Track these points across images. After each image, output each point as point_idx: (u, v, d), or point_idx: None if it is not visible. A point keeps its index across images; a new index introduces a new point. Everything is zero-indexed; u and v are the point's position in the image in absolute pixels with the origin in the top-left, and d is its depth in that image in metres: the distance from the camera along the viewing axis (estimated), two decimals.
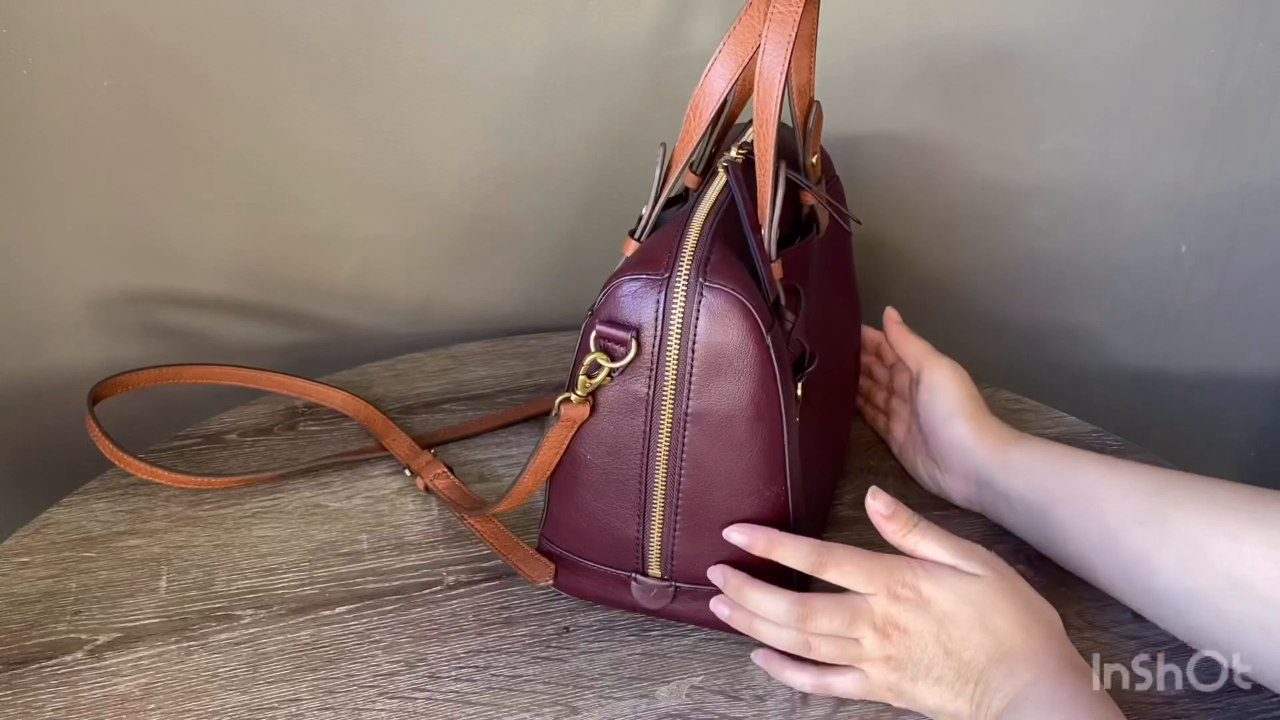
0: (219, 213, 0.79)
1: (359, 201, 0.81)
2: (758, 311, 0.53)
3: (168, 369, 0.74)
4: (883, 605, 0.54)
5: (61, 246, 0.77)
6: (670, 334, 0.53)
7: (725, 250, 0.54)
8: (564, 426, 0.56)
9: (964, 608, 0.53)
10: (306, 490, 0.71)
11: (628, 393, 0.55)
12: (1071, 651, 0.54)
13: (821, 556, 0.55)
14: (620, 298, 0.54)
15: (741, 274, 0.53)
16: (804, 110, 0.60)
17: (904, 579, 0.54)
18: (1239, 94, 0.83)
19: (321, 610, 0.63)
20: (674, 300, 0.53)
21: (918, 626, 0.54)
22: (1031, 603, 0.55)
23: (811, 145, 0.61)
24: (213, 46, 0.72)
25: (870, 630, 0.54)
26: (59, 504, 0.69)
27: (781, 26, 0.51)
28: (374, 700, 0.58)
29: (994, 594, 0.54)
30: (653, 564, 0.59)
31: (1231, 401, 0.98)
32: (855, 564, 0.55)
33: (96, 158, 0.75)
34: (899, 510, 0.56)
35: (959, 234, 0.89)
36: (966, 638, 0.53)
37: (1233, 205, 0.88)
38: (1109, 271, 0.92)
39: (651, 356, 0.54)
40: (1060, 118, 0.84)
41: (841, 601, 0.55)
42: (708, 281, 0.53)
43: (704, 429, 0.55)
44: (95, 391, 0.70)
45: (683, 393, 0.54)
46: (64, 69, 0.70)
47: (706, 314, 0.53)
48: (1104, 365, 0.96)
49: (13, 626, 0.61)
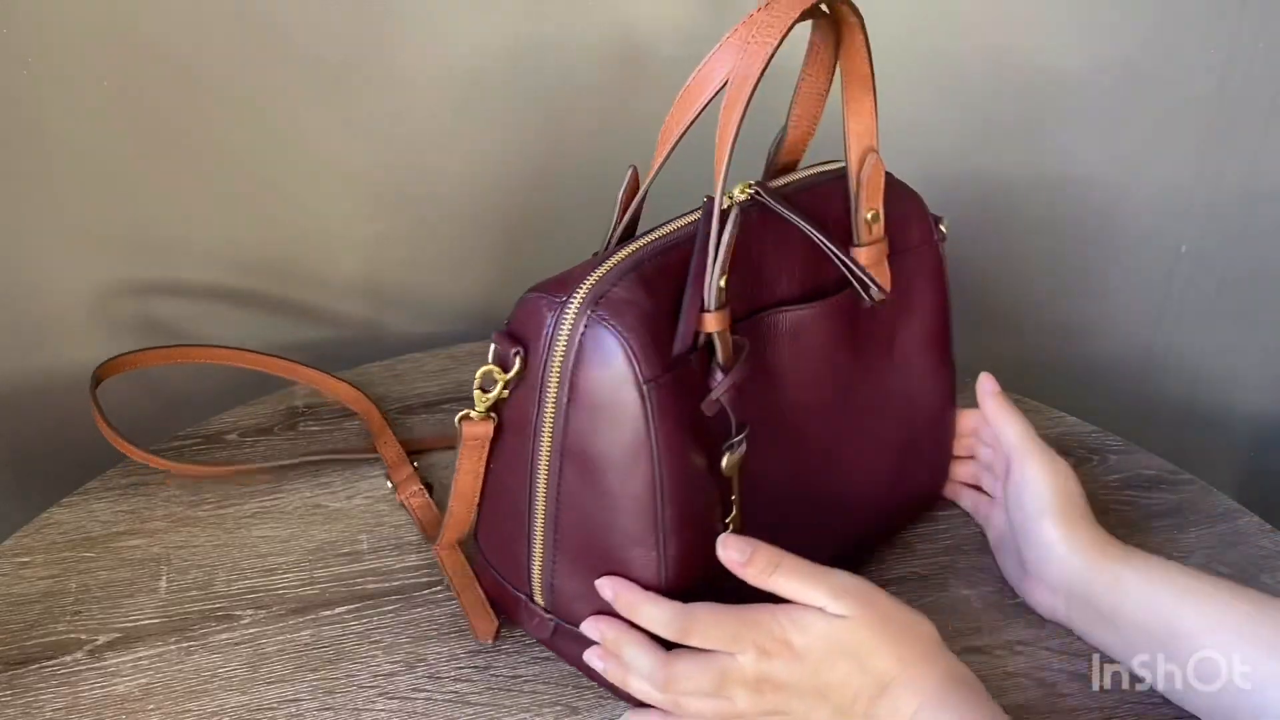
0: (218, 212, 0.79)
1: (358, 201, 0.81)
2: (640, 356, 0.49)
3: (175, 349, 0.74)
4: (753, 663, 0.52)
5: (61, 246, 0.77)
6: (553, 360, 0.51)
7: (637, 287, 0.51)
8: (470, 448, 0.54)
9: (838, 654, 0.51)
10: (306, 490, 0.71)
11: (521, 413, 0.53)
12: (951, 663, 0.52)
13: (684, 622, 0.52)
14: (521, 311, 0.52)
15: (640, 315, 0.50)
16: (858, 159, 0.56)
17: (772, 633, 0.52)
18: (1239, 94, 0.83)
19: (321, 610, 0.63)
20: (562, 326, 0.50)
21: (793, 679, 0.52)
22: (904, 628, 0.53)
23: (865, 199, 0.57)
24: (213, 46, 0.72)
25: (742, 689, 0.52)
26: (59, 504, 0.69)
27: (753, 60, 0.48)
28: (374, 700, 0.58)
29: (865, 632, 0.51)
30: (536, 592, 0.57)
31: (1231, 401, 0.98)
32: (719, 627, 0.52)
33: (96, 157, 0.75)
34: (756, 553, 0.52)
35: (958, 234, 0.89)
36: (845, 683, 0.51)
37: (1233, 205, 0.88)
38: (1109, 271, 0.92)
39: (537, 378, 0.52)
40: (1060, 118, 0.84)
41: (709, 662, 0.52)
42: (596, 314, 0.50)
43: (577, 468, 0.52)
44: (99, 372, 0.70)
45: (559, 424, 0.52)
46: (64, 69, 0.71)
47: (586, 348, 0.50)
48: (1104, 365, 0.96)
49: (13, 626, 0.61)
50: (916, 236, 0.62)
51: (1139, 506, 0.70)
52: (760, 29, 0.49)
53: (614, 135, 0.79)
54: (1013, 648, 0.61)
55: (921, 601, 0.63)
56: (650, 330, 0.50)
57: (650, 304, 0.50)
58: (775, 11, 0.49)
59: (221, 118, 0.75)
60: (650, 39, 0.76)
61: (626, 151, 0.65)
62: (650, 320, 0.50)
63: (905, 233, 0.61)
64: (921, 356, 0.64)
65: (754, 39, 0.48)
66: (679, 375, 0.51)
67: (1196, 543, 0.67)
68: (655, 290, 0.51)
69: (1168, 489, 0.72)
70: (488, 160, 0.80)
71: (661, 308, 0.51)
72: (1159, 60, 0.82)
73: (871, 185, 0.57)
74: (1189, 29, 0.80)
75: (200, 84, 0.73)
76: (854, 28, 0.54)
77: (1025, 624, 0.62)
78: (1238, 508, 0.70)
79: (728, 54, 0.50)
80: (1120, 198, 0.88)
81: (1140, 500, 0.70)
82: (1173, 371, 0.96)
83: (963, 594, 0.64)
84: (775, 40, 0.48)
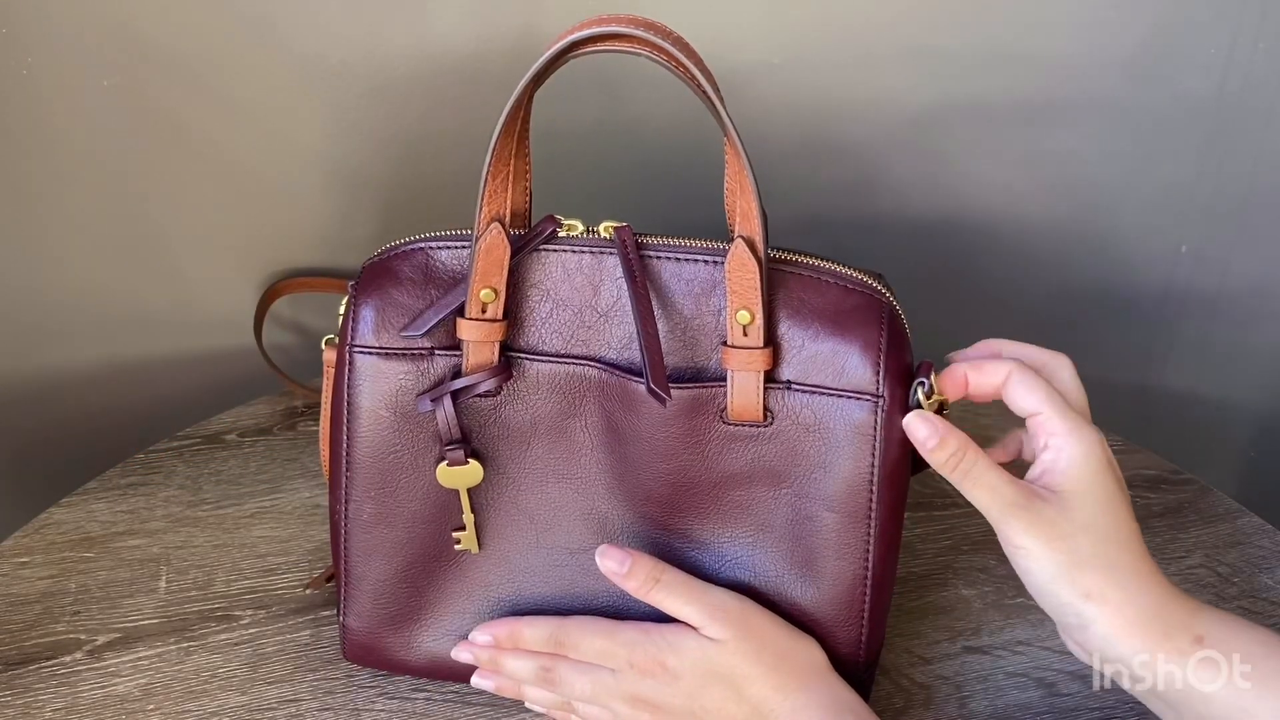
0: (217, 212, 0.79)
1: (358, 201, 0.81)
2: (360, 323, 0.53)
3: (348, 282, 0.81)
4: (629, 682, 0.51)
5: (61, 246, 0.77)
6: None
7: (416, 269, 0.53)
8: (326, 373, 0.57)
9: (713, 680, 0.50)
10: (306, 490, 0.71)
11: None
12: (836, 691, 0.51)
13: (559, 635, 0.53)
14: None
15: (387, 290, 0.53)
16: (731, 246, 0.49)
17: (646, 652, 0.51)
18: (1239, 94, 0.83)
19: (321, 610, 0.63)
20: (360, 281, 0.54)
21: (668, 701, 0.51)
22: (784, 655, 0.51)
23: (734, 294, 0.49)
24: (213, 46, 0.72)
25: (622, 704, 0.52)
26: (58, 504, 0.69)
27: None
28: (374, 700, 0.57)
29: (741, 659, 0.50)
30: None
31: (1231, 401, 0.98)
32: (591, 643, 0.52)
33: (96, 157, 0.75)
34: (636, 565, 0.51)
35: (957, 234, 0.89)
36: (721, 708, 0.50)
37: (1233, 205, 0.88)
38: (1109, 271, 0.92)
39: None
40: (1060, 118, 0.84)
41: (587, 672, 0.53)
42: (363, 275, 0.54)
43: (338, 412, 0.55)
44: (275, 289, 0.77)
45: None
46: (64, 69, 0.70)
47: (348, 302, 0.54)
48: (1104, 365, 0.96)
49: (12, 627, 0.61)
50: (852, 379, 0.50)
51: (1139, 506, 0.69)
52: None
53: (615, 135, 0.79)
54: (1013, 648, 0.61)
55: (922, 601, 0.63)
56: (387, 304, 0.53)
57: (411, 284, 0.53)
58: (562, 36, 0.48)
59: (222, 119, 0.75)
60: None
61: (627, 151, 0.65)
62: (395, 297, 0.53)
63: (831, 366, 0.50)
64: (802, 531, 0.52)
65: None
66: (404, 359, 0.53)
67: (1196, 543, 0.67)
68: (430, 276, 0.53)
69: (1168, 489, 0.72)
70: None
71: (425, 294, 0.53)
72: (1159, 60, 0.81)
73: (739, 281, 0.49)
74: (1189, 29, 0.80)
75: (200, 85, 0.73)
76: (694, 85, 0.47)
77: (1025, 624, 0.62)
78: (1238, 508, 0.70)
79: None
80: (1120, 198, 0.88)
81: (1140, 500, 0.70)
82: (1173, 371, 0.96)
83: (963, 594, 0.64)
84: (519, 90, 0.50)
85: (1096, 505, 0.47)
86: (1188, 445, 0.98)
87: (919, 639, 0.61)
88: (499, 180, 0.51)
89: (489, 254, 0.51)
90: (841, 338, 0.50)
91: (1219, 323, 0.94)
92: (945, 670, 0.59)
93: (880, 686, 0.58)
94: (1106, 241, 0.90)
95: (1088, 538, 0.47)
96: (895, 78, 0.81)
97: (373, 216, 0.82)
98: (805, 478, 0.51)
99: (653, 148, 0.77)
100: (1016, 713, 0.57)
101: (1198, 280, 0.92)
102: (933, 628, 0.62)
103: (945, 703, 0.58)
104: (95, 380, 0.80)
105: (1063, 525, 0.47)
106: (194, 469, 0.72)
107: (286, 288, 0.79)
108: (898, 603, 0.63)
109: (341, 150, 0.78)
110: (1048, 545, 0.47)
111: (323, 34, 0.73)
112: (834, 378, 0.50)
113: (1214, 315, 0.93)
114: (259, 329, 0.78)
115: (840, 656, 0.53)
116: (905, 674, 0.59)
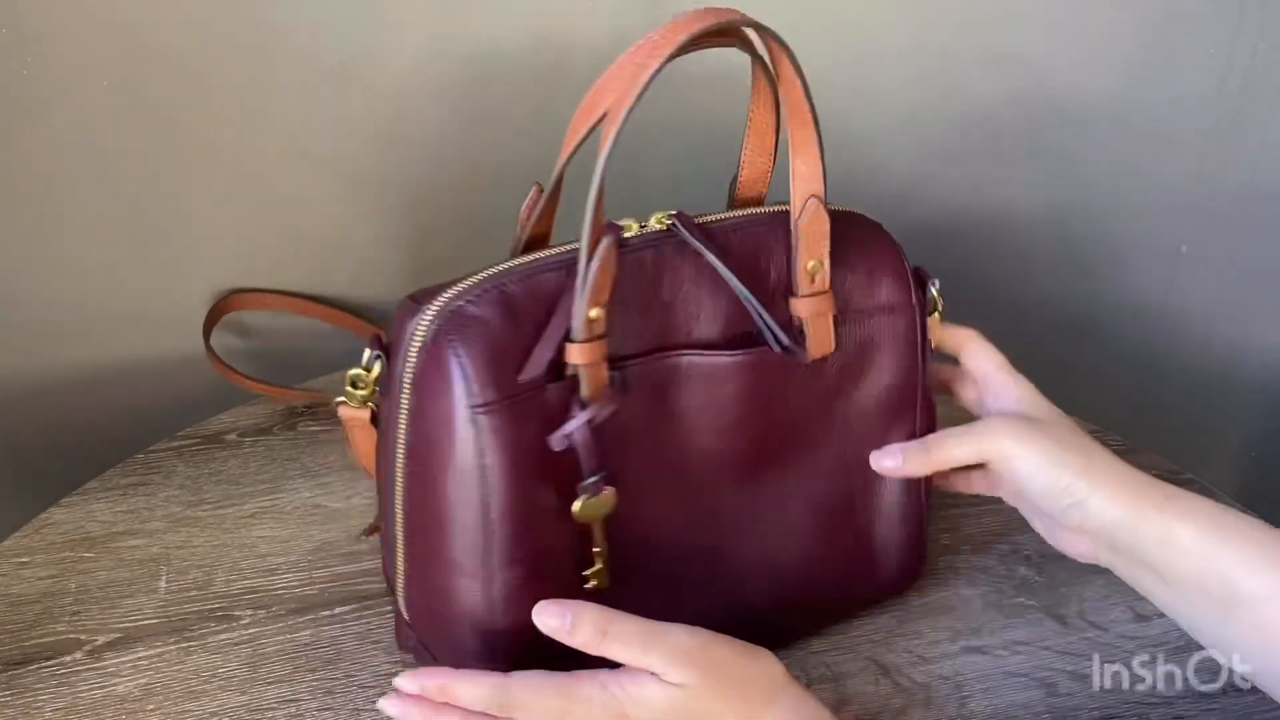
0: (217, 213, 0.79)
1: (357, 202, 0.81)
2: (475, 379, 0.47)
3: (299, 300, 0.80)
4: None
5: (60, 246, 0.77)
6: (406, 369, 0.49)
7: (495, 305, 0.48)
8: (352, 426, 0.53)
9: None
10: (306, 490, 0.71)
11: (387, 415, 0.51)
12: (797, 696, 0.49)
13: (503, 698, 0.48)
14: (396, 312, 0.51)
15: (487, 334, 0.48)
16: (800, 204, 0.52)
17: (606, 708, 0.47)
18: (1239, 94, 0.83)
19: (321, 610, 0.63)
20: (414, 336, 0.49)
21: None
22: (748, 680, 0.49)
23: (804, 248, 0.53)
24: (213, 46, 0.72)
25: None
26: (58, 504, 0.69)
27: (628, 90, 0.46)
28: (374, 700, 0.57)
29: (710, 700, 0.48)
30: (402, 607, 0.55)
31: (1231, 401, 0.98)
32: (542, 703, 0.48)
33: (96, 158, 0.75)
34: (579, 619, 0.48)
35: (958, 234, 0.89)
36: None
37: (1233, 205, 0.88)
38: (1109, 272, 0.92)
39: (397, 384, 0.50)
40: (1060, 118, 0.84)
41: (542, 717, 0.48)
42: (443, 329, 0.48)
43: (420, 481, 0.50)
44: (226, 301, 0.75)
45: (408, 432, 0.50)
46: (64, 69, 0.70)
47: (427, 362, 0.48)
48: (1104, 364, 0.96)
49: (12, 627, 0.61)
50: (885, 296, 0.57)
51: None
52: (647, 54, 0.46)
53: None
54: (1013, 648, 0.61)
55: (922, 601, 0.63)
56: (494, 351, 0.48)
57: (502, 324, 0.48)
58: (662, 37, 0.46)
59: (222, 119, 0.75)
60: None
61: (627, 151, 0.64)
62: (498, 341, 0.48)
63: (869, 290, 0.56)
64: (874, 428, 0.58)
65: (639, 64, 0.46)
66: (526, 404, 0.48)
67: None
68: (515, 311, 0.49)
69: None
70: (487, 162, 0.80)
71: (519, 330, 0.48)
72: (1159, 60, 0.82)
73: (811, 234, 0.53)
74: (1189, 29, 0.80)
75: (200, 85, 0.73)
76: (780, 58, 0.49)
77: (1025, 624, 0.62)
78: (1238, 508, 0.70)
79: (615, 78, 0.47)
80: (1120, 198, 0.88)
81: None
82: (1173, 371, 0.96)
83: (963, 594, 0.64)
84: (657, 63, 0.45)
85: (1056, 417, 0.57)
86: (1188, 445, 0.98)
87: (919, 639, 0.61)
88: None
89: (605, 271, 0.48)
90: (873, 264, 0.56)
91: (1219, 323, 0.94)
92: (945, 670, 0.59)
93: (880, 686, 0.58)
94: (1106, 241, 0.90)
95: (1061, 432, 0.55)
96: (894, 76, 0.81)
97: (373, 217, 0.82)
98: (868, 394, 0.57)
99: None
100: (1016, 713, 0.57)
101: (1198, 280, 0.92)
102: (933, 628, 0.62)
103: (945, 703, 0.58)
104: (95, 380, 0.80)
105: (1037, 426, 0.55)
106: (194, 469, 0.72)
107: (237, 303, 0.77)
108: (898, 602, 0.63)
109: (342, 150, 0.78)
110: (1032, 443, 0.54)
111: (323, 34, 0.73)
112: (875, 297, 0.56)
113: (1214, 315, 0.94)
114: (207, 340, 0.76)
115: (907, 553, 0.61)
116: (905, 674, 0.59)
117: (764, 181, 0.57)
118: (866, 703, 0.57)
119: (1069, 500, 0.53)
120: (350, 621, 0.62)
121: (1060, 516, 0.54)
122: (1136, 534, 0.52)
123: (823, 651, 0.60)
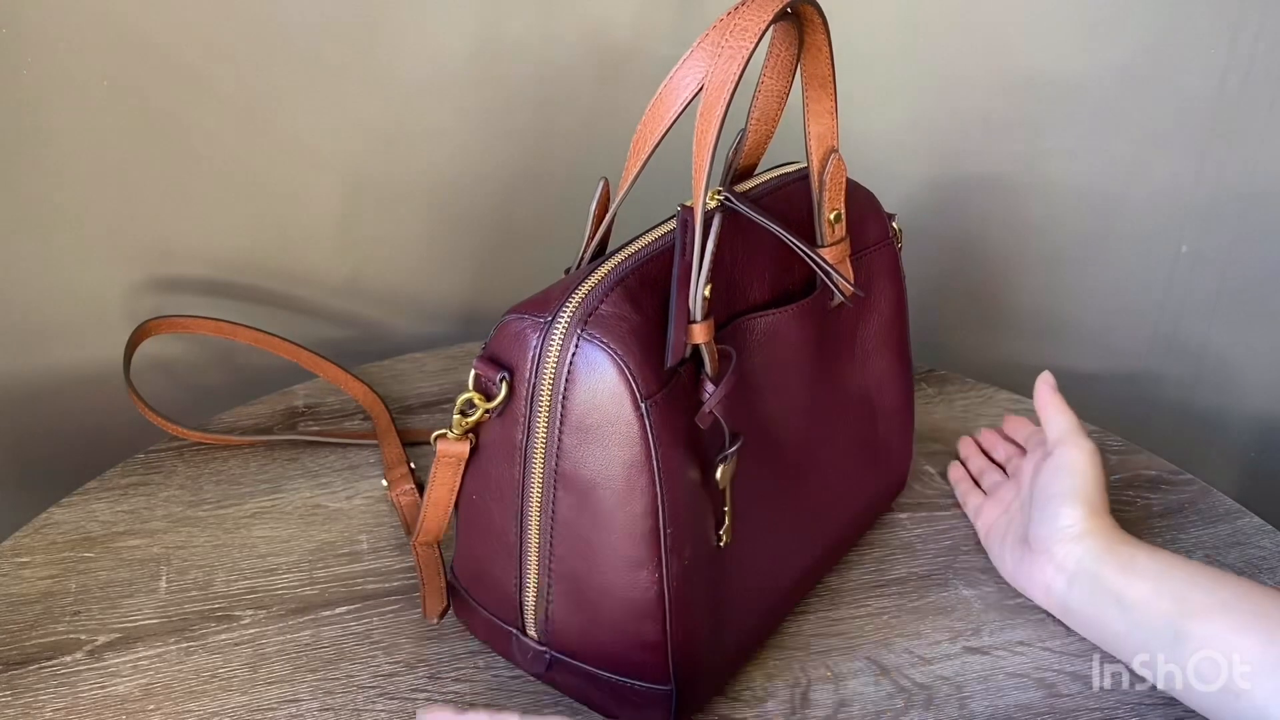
0: (217, 212, 0.79)
1: (357, 202, 0.81)
2: (637, 374, 0.48)
3: (225, 324, 0.76)
4: None
5: (61, 245, 0.77)
6: (543, 384, 0.49)
7: (624, 302, 0.49)
8: (444, 464, 0.53)
9: None
10: (306, 490, 0.71)
11: (506, 438, 0.51)
12: None
13: None
14: (502, 336, 0.50)
15: (631, 330, 0.48)
16: (820, 160, 0.56)
17: None
18: (1239, 94, 0.83)
19: (321, 610, 0.63)
20: (549, 348, 0.48)
21: None
22: None
23: (828, 200, 0.57)
24: (212, 46, 0.72)
25: None
26: (58, 504, 0.69)
27: (729, 63, 0.46)
28: (374, 701, 0.57)
29: None
30: (529, 625, 0.55)
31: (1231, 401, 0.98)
32: None
33: (96, 157, 0.75)
34: None
35: (958, 234, 0.89)
36: None
37: (1233, 205, 0.88)
38: (1109, 271, 0.92)
39: (524, 404, 0.49)
40: (1060, 118, 0.84)
41: None
42: (586, 333, 0.48)
43: (572, 493, 0.50)
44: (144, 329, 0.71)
45: (552, 449, 0.50)
46: (64, 69, 0.70)
47: (579, 368, 0.48)
48: (1104, 365, 0.96)
49: (12, 627, 0.61)
50: (874, 235, 0.63)
51: (1139, 506, 0.70)
52: (733, 33, 0.47)
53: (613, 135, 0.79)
54: (1013, 648, 0.61)
55: (922, 601, 0.63)
56: (643, 346, 0.48)
57: (639, 319, 0.49)
58: (747, 14, 0.47)
59: (222, 119, 0.75)
60: (650, 38, 0.76)
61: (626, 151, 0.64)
62: (642, 336, 0.49)
63: (863, 232, 0.62)
64: (880, 354, 0.65)
65: (727, 43, 0.47)
66: (672, 390, 0.49)
67: (1196, 543, 0.67)
68: (642, 304, 0.50)
69: (1168, 489, 0.72)
70: (487, 161, 0.80)
71: (650, 322, 0.49)
72: (1159, 60, 0.82)
73: (835, 186, 0.57)
74: (1188, 29, 0.80)
75: (200, 85, 0.73)
76: (818, 28, 0.52)
77: (1025, 624, 0.62)
78: (1238, 508, 0.70)
79: (700, 60, 0.47)
80: (1120, 198, 0.88)
81: (1140, 500, 0.70)
82: (1173, 371, 0.96)
83: (963, 594, 0.64)
84: (750, 43, 0.46)
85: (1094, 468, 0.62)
86: (1188, 445, 0.98)
87: (919, 639, 0.61)
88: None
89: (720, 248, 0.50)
90: (861, 208, 0.62)
91: (1219, 323, 0.94)
92: (945, 670, 0.59)
93: (880, 686, 0.58)
94: (1106, 241, 0.90)
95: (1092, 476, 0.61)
96: (894, 77, 0.81)
97: (373, 217, 0.82)
98: (874, 323, 0.63)
99: None
100: (1016, 713, 0.57)
101: (1198, 280, 0.92)
102: (933, 628, 0.62)
103: (945, 703, 0.58)
104: (95, 380, 0.80)
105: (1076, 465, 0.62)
106: (194, 469, 0.72)
107: (156, 328, 0.75)
108: (898, 603, 0.63)
109: (342, 150, 0.78)
110: (1096, 456, 0.62)
111: (323, 34, 0.73)
112: (867, 237, 0.62)
113: (1214, 315, 0.94)
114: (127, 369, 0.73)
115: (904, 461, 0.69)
116: (905, 674, 0.59)
117: (764, 147, 0.59)
118: (866, 703, 0.57)
119: (1063, 525, 0.60)
120: (350, 621, 0.62)
121: (1054, 531, 0.60)
122: (1103, 562, 0.58)
123: (823, 652, 0.60)
